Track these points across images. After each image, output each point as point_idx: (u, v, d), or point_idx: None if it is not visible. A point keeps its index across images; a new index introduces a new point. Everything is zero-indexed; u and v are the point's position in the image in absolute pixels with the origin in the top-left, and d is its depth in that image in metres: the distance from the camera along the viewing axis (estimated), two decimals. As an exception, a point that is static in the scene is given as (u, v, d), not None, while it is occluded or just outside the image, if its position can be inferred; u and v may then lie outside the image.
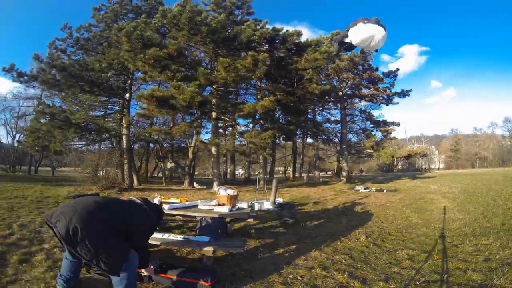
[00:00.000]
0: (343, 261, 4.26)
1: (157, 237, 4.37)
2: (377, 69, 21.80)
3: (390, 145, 25.26)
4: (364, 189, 15.31)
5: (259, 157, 25.88)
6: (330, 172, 36.63)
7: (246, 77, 14.20)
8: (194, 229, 5.38)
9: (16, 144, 33.22)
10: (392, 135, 24.24)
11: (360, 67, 21.38)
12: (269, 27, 16.44)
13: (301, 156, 28.39)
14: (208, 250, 4.01)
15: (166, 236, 4.46)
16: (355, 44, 4.09)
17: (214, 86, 14.75)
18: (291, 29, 16.90)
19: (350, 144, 25.18)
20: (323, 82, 20.08)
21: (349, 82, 21.81)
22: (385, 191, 14.33)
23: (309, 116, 22.70)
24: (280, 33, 16.34)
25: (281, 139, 22.84)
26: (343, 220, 7.26)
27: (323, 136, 24.45)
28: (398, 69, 22.60)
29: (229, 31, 14.69)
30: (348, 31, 4.08)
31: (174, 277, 3.35)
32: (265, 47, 16.52)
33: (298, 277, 3.64)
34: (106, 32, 17.28)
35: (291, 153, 28.74)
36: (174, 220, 6.50)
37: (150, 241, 4.12)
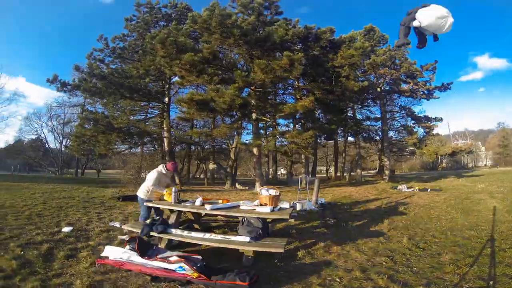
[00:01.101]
0: (384, 263, 4.18)
1: (198, 237, 4.47)
2: (414, 62, 20.73)
3: (433, 142, 23.95)
4: (407, 188, 14.80)
5: (301, 157, 25.77)
6: (372, 171, 35.57)
7: (283, 78, 14.12)
8: (235, 229, 5.43)
9: (63, 149, 36.06)
10: (434, 131, 22.97)
11: (397, 61, 20.52)
12: (300, 26, 16.34)
13: (343, 155, 27.91)
14: (248, 250, 4.07)
15: (207, 235, 4.53)
16: (425, 26, 3.61)
17: (252, 88, 14.79)
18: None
19: (392, 141, 24.36)
20: (360, 78, 19.54)
21: (387, 78, 21.01)
22: (429, 190, 13.78)
23: (349, 114, 22.21)
24: (313, 31, 16.20)
25: (322, 138, 22.57)
26: (385, 221, 7.06)
27: (364, 134, 23.89)
28: (436, 61, 21.24)
29: (261, 32, 14.69)
30: (416, 13, 3.64)
31: (214, 281, 3.42)
32: (298, 46, 16.40)
33: (337, 279, 3.62)
34: (140, 40, 18.11)
35: (332, 152, 28.35)
36: (215, 220, 6.66)
37: (192, 241, 4.51)
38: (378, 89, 21.35)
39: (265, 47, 14.49)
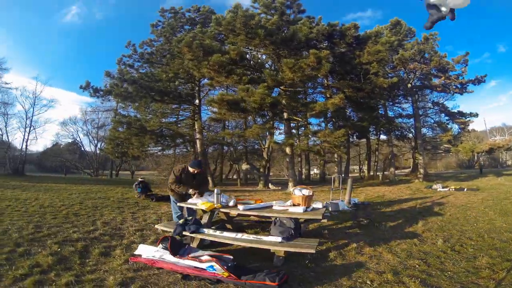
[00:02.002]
0: (417, 266, 4.05)
1: (230, 237, 4.51)
2: (445, 55, 19.74)
3: (468, 138, 22.94)
4: (443, 188, 14.30)
5: (334, 156, 25.52)
6: (406, 170, 34.46)
7: (312, 76, 14.07)
8: (267, 229, 5.41)
9: (98, 151, 37.99)
10: (470, 127, 22.04)
11: (426, 55, 19.69)
12: (324, 23, 16.23)
13: (376, 153, 27.28)
14: (279, 250, 4.06)
15: (239, 235, 4.55)
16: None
17: (282, 87, 14.81)
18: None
19: (425, 139, 23.64)
20: (390, 75, 19.07)
21: (417, 73, 20.24)
22: (465, 190, 13.30)
23: (380, 112, 21.72)
24: (337, 28, 16.02)
25: (354, 137, 22.20)
26: (420, 222, 6.83)
27: (396, 132, 23.27)
28: (468, 53, 20.17)
29: (285, 31, 14.68)
30: None
31: (244, 281, 3.44)
32: (324, 44, 16.27)
33: (368, 282, 3.55)
34: (167, 45, 18.61)
35: (365, 151, 27.78)
36: (248, 220, 6.72)
37: (224, 241, 4.54)
38: (409, 85, 20.69)
39: (291, 46, 14.48)
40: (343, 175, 15.91)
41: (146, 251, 4.24)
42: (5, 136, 31.51)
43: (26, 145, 30.44)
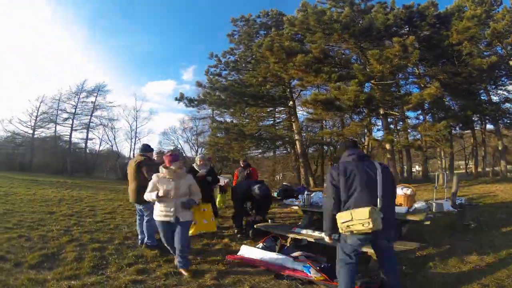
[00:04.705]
0: (529, 282, 3.48)
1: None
2: None
3: None
4: None
5: (436, 152, 23.50)
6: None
7: (402, 66, 13.23)
8: None
9: None
10: None
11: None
12: (398, 7, 15.14)
13: (482, 147, 23.98)
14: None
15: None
16: None
17: (373, 82, 14.20)
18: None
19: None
20: (486, 53, 16.58)
21: (517, 46, 17.03)
22: None
23: (483, 97, 19.12)
24: (413, 9, 14.87)
25: (457, 128, 20.02)
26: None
27: (505, 120, 20.07)
28: None
29: (361, 22, 14.04)
30: None
31: (336, 283, 3.34)
32: (406, 29, 15.18)
33: (469, 297, 3.19)
34: (248, 51, 19.23)
35: (470, 144, 24.72)
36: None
37: (320, 241, 4.37)
38: (510, 63, 17.58)
39: (371, 36, 13.85)
40: (447, 172, 14.41)
41: (246, 250, 4.48)
42: (115, 146, 37.35)
43: (133, 154, 36.19)
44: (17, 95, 57.67)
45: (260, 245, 4.58)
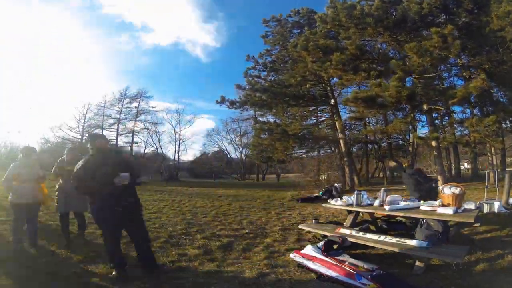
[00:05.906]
0: None
1: (372, 239, 4.39)
2: None
3: None
4: None
5: (486, 148, 22.21)
6: None
7: (443, 58, 12.59)
8: (412, 232, 4.78)
9: (244, 157, 42.74)
10: None
11: None
12: None
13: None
14: (421, 258, 3.73)
15: (382, 238, 4.37)
16: None
17: (414, 76, 13.71)
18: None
19: None
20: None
21: None
22: None
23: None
24: None
25: (508, 122, 18.78)
26: None
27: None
28: None
29: (394, 14, 13.60)
30: None
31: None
32: (442, 18, 14.38)
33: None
34: (284, 51, 19.29)
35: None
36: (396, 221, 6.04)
37: (365, 243, 4.37)
38: None
39: (406, 28, 13.42)
40: (498, 170, 13.47)
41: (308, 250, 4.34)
42: (160, 149, 39.74)
43: (178, 156, 40.45)
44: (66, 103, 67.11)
45: (312, 246, 4.34)
